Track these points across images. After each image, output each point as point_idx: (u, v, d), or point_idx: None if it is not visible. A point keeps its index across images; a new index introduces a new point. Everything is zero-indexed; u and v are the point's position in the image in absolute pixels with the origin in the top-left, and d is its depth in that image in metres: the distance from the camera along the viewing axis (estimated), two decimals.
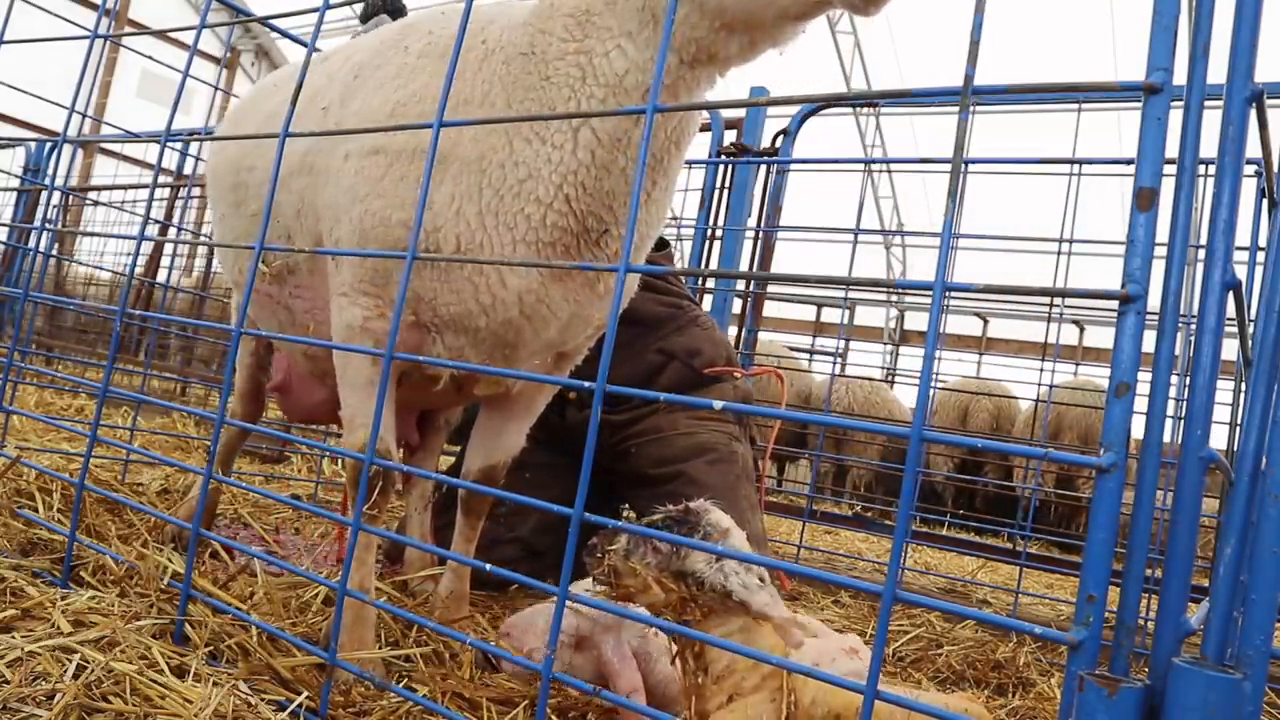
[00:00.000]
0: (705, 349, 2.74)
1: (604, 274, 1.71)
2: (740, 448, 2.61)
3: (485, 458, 2.03)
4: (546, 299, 1.68)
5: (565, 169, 1.57)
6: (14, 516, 1.95)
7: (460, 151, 1.63)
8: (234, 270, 2.36)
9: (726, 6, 1.41)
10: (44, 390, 5.16)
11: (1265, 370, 1.00)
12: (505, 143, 1.61)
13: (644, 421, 2.62)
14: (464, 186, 1.62)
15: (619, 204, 1.61)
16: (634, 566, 1.27)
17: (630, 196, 1.60)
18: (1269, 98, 1.08)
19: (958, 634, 2.58)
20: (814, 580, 1.14)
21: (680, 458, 2.50)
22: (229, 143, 2.25)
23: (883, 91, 1.40)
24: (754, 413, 1.16)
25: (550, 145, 1.57)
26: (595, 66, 1.55)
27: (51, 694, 1.19)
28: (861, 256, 3.78)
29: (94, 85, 9.47)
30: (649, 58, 1.52)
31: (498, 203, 1.61)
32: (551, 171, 1.58)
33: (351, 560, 1.39)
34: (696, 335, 2.77)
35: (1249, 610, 0.90)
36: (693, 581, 1.26)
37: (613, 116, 1.53)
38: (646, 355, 2.71)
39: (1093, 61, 11.27)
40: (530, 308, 1.68)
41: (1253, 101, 0.94)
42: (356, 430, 1.74)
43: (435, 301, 1.68)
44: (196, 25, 1.81)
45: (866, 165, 4.60)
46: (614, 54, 1.54)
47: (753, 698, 1.24)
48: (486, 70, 1.65)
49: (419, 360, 1.40)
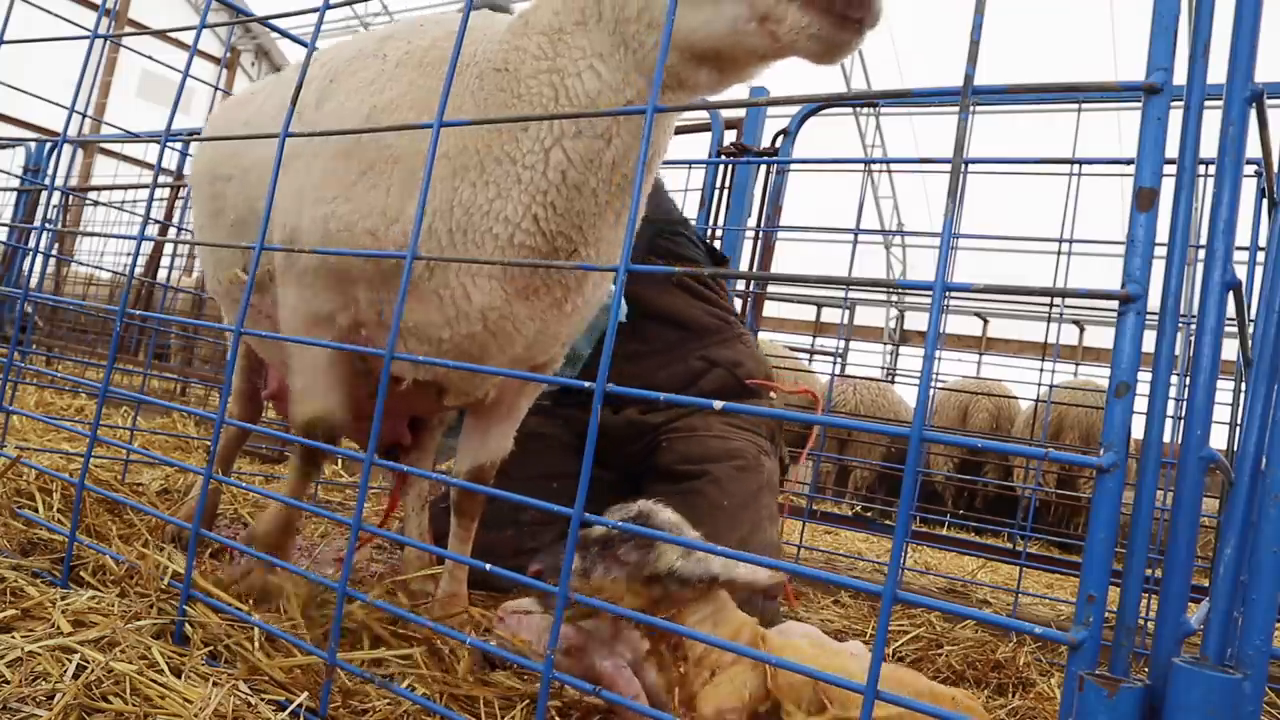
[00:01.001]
0: (748, 363, 2.80)
1: (572, 293, 1.73)
2: (769, 462, 2.64)
3: (473, 460, 2.06)
4: (511, 316, 1.70)
5: (535, 189, 1.58)
6: (14, 516, 1.95)
7: (435, 169, 1.64)
8: (213, 280, 2.37)
9: (695, 42, 1.42)
10: (44, 390, 5.16)
11: (1265, 370, 1.00)
12: (478, 162, 1.62)
13: (680, 420, 2.65)
14: (437, 204, 1.64)
15: (588, 224, 1.62)
16: (600, 584, 1.27)
17: (600, 217, 1.62)
18: (1269, 98, 1.08)
19: (958, 634, 2.58)
20: (814, 580, 1.14)
21: (710, 458, 2.52)
22: (206, 151, 2.27)
23: (883, 91, 1.39)
24: (753, 413, 1.16)
25: (521, 165, 1.58)
26: (568, 86, 1.56)
27: (51, 694, 1.19)
28: (861, 256, 3.78)
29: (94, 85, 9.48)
30: (621, 79, 1.53)
31: (467, 221, 1.62)
32: (521, 192, 1.58)
33: (351, 560, 1.39)
34: (740, 350, 2.83)
35: (1249, 610, 0.90)
36: (671, 579, 1.27)
37: (587, 137, 1.54)
38: (690, 360, 2.76)
39: (1093, 61, 11.27)
40: (494, 324, 1.70)
41: (1253, 101, 0.94)
42: (306, 404, 1.84)
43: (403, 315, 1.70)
44: (196, 25, 1.81)
45: (866, 165, 4.60)
46: (586, 74, 1.55)
47: (733, 669, 1.28)
48: (459, 84, 1.66)
49: (419, 360, 1.40)
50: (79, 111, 2.27)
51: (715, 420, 2.65)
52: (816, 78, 13.64)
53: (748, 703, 1.27)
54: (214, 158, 2.19)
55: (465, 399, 1.96)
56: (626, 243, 1.15)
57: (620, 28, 1.51)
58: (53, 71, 6.16)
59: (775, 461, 2.71)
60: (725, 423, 2.65)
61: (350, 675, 1.38)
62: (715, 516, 2.29)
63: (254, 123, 2.11)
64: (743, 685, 1.27)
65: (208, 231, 2.25)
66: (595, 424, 1.14)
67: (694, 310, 2.82)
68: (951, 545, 4.76)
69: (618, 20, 1.51)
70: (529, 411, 2.89)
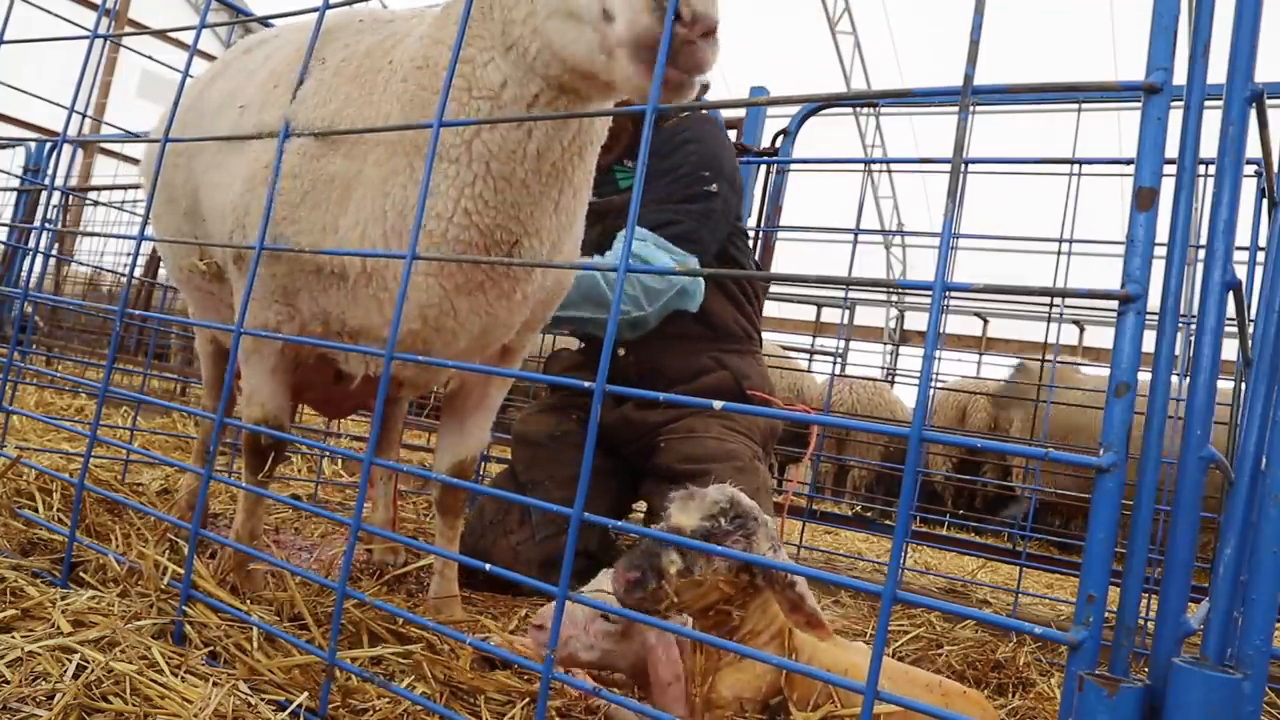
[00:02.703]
0: (754, 377, 2.86)
1: (521, 284, 1.75)
2: (761, 467, 2.69)
3: (453, 455, 2.09)
4: (452, 312, 1.72)
5: (461, 182, 1.59)
6: (14, 516, 1.95)
7: (364, 178, 1.69)
8: (174, 269, 2.40)
9: (566, 57, 1.44)
10: (44, 390, 5.16)
11: (1265, 370, 1.00)
12: (407, 164, 1.64)
13: (679, 421, 2.69)
14: (368, 211, 1.67)
15: (526, 214, 1.64)
16: (699, 579, 1.28)
17: (536, 207, 1.64)
18: (1269, 98, 1.08)
19: (958, 634, 2.58)
20: (814, 580, 1.15)
21: (709, 458, 2.55)
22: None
23: (883, 91, 1.39)
24: (754, 413, 1.16)
25: (447, 160, 1.60)
26: (477, 78, 1.57)
27: (51, 694, 1.19)
28: (861, 256, 3.78)
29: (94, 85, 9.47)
30: (521, 76, 1.54)
31: (400, 223, 1.65)
32: (449, 186, 1.60)
33: (350, 560, 1.39)
34: (751, 363, 2.89)
35: (1249, 610, 0.90)
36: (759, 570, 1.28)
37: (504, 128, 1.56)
38: (701, 357, 2.82)
39: (1093, 61, 11.26)
40: (435, 321, 1.72)
41: (1253, 101, 0.94)
42: (254, 406, 1.92)
43: (344, 316, 1.77)
44: (196, 25, 1.81)
45: (866, 165, 4.60)
46: (489, 66, 1.56)
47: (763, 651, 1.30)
48: (390, 92, 1.68)
49: (419, 360, 1.40)
50: (79, 111, 2.26)
51: (714, 423, 2.68)
52: (816, 78, 13.64)
53: (763, 693, 1.30)
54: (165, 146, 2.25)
55: (419, 391, 2.06)
56: (626, 243, 1.15)
57: (508, 29, 1.53)
58: (53, 71, 6.16)
59: (766, 469, 2.76)
60: (723, 426, 2.69)
61: (350, 674, 1.38)
62: None
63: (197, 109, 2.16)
64: (761, 675, 1.30)
65: (163, 220, 2.28)
66: (595, 423, 1.14)
67: (725, 313, 2.88)
68: (951, 545, 4.76)
69: (505, 22, 1.53)
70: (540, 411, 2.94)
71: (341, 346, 1.72)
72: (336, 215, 1.70)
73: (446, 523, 2.10)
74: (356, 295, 1.74)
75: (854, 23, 13.69)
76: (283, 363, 1.91)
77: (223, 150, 1.92)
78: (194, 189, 2.06)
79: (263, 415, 1.91)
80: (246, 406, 1.94)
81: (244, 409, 1.94)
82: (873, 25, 13.51)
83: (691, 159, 2.66)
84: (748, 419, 2.72)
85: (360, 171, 1.68)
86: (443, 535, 2.10)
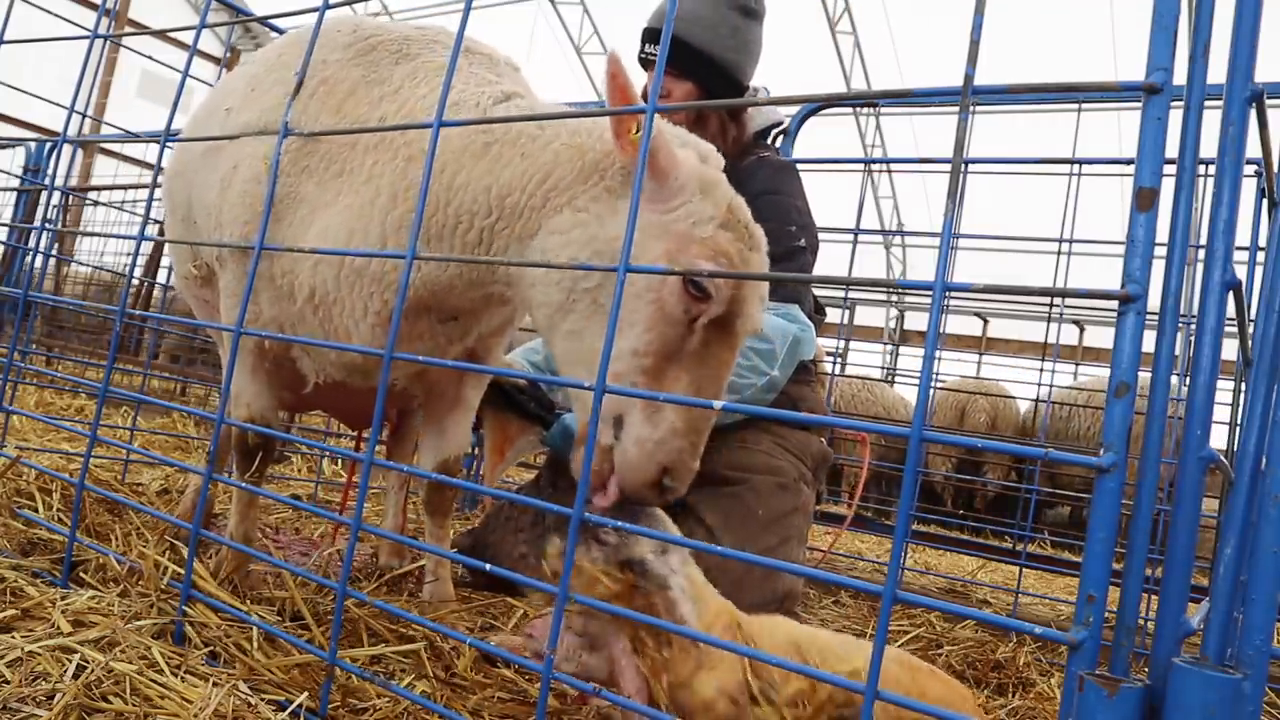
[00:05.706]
0: (810, 400, 2.79)
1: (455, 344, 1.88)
2: (806, 490, 2.63)
3: (436, 456, 2.11)
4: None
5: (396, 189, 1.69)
6: (14, 516, 1.95)
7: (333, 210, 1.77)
8: (178, 279, 2.48)
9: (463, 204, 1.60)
10: (44, 390, 5.16)
11: (1265, 370, 1.00)
12: (380, 227, 1.72)
13: (732, 430, 2.66)
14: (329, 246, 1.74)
15: None
16: (579, 564, 1.28)
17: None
18: (1269, 98, 1.08)
19: (958, 634, 2.58)
20: (814, 580, 1.14)
21: (755, 469, 2.54)
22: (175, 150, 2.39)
23: (883, 91, 1.39)
24: (755, 414, 1.17)
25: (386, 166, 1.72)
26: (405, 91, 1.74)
27: (51, 694, 1.19)
28: (861, 256, 3.78)
29: (94, 85, 9.47)
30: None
31: (353, 275, 1.73)
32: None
33: (350, 559, 1.39)
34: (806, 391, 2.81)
35: (1249, 610, 0.90)
36: (637, 568, 1.28)
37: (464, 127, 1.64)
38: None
39: (1093, 61, 11.26)
40: (374, 359, 1.81)
41: (1253, 101, 0.94)
42: (240, 406, 1.98)
43: (295, 330, 1.86)
44: (196, 25, 1.81)
45: (866, 165, 4.60)
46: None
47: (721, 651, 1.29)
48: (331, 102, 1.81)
49: (419, 360, 1.40)
50: (79, 111, 2.26)
51: (766, 437, 2.66)
52: (816, 78, 13.64)
53: (744, 683, 1.29)
54: (174, 156, 2.32)
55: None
56: (626, 243, 1.15)
57: None
58: (53, 71, 6.16)
59: (812, 494, 2.70)
60: (774, 442, 2.66)
61: (350, 674, 1.38)
62: (747, 523, 2.32)
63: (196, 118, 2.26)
64: (734, 666, 1.29)
65: (173, 229, 2.35)
66: (595, 422, 1.14)
67: None
68: (951, 545, 4.76)
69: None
70: None
71: (342, 346, 1.72)
72: (298, 235, 1.79)
73: (436, 523, 2.12)
74: (304, 316, 1.82)
75: (854, 23, 13.67)
76: (261, 363, 1.95)
77: (208, 152, 2.00)
78: (188, 196, 2.13)
79: (248, 415, 1.97)
80: (234, 408, 1.98)
81: (231, 410, 1.97)
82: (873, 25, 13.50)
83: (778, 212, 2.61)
84: (800, 439, 2.69)
85: (328, 204, 1.75)
86: (432, 535, 2.11)
